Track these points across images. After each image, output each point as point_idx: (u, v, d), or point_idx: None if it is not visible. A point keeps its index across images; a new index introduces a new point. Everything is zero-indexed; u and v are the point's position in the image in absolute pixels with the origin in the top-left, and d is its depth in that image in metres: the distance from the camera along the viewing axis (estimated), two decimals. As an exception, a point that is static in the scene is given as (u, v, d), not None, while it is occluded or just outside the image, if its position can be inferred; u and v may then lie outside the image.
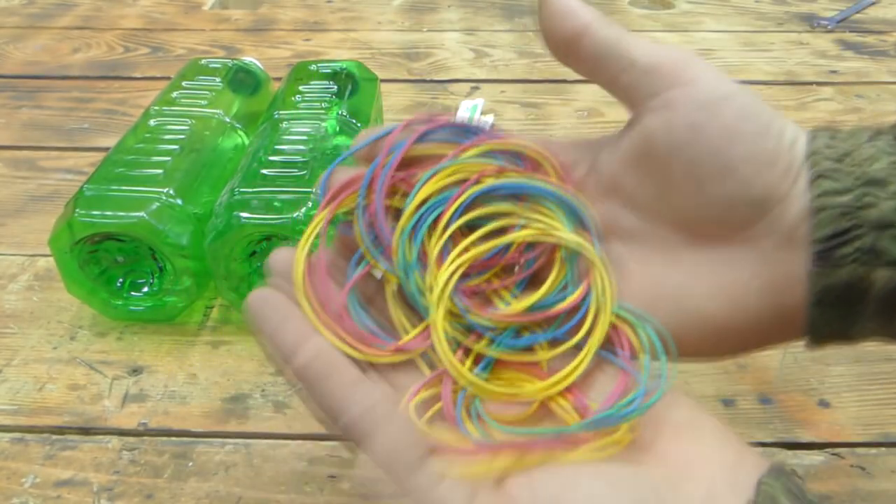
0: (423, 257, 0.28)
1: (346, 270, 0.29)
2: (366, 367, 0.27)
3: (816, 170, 0.25)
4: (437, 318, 0.27)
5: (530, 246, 0.29)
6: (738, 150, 0.25)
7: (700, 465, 0.24)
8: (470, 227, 0.28)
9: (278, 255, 0.28)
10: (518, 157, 0.29)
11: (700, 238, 0.27)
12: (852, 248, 0.24)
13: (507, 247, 0.28)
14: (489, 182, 0.28)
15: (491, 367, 0.28)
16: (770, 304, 0.26)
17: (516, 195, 0.28)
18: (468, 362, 0.28)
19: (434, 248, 0.28)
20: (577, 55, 0.27)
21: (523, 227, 0.28)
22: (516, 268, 0.29)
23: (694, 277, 0.27)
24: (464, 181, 0.28)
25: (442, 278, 0.27)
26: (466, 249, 0.28)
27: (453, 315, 0.28)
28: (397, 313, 0.29)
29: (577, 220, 0.28)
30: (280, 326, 0.26)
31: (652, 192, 0.27)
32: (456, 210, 0.28)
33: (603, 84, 0.27)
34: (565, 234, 0.28)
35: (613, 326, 0.28)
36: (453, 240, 0.28)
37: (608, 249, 0.28)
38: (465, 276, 0.28)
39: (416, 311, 0.29)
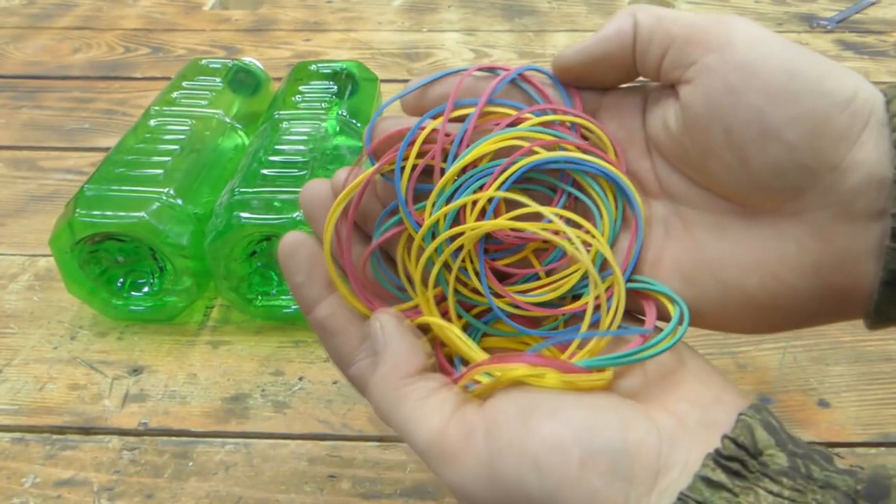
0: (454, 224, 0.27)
1: (375, 220, 0.29)
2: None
3: None
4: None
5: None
6: (779, 112, 0.23)
7: (672, 402, 0.23)
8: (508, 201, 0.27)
9: (313, 187, 0.28)
10: (573, 127, 0.28)
11: (747, 208, 0.25)
12: None
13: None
14: (541, 156, 0.27)
15: (478, 338, 0.28)
16: (819, 283, 0.24)
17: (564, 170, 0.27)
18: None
19: (471, 219, 0.27)
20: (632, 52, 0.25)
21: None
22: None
23: (737, 249, 0.25)
24: (512, 149, 0.27)
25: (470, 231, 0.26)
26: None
27: (469, 289, 0.28)
28: (415, 272, 0.28)
29: (624, 203, 0.27)
30: (305, 282, 0.28)
31: (695, 161, 0.26)
32: (500, 185, 0.26)
33: (649, 73, 0.26)
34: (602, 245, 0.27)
35: (644, 298, 0.27)
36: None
37: (654, 207, 0.27)
38: (492, 252, 0.28)
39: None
